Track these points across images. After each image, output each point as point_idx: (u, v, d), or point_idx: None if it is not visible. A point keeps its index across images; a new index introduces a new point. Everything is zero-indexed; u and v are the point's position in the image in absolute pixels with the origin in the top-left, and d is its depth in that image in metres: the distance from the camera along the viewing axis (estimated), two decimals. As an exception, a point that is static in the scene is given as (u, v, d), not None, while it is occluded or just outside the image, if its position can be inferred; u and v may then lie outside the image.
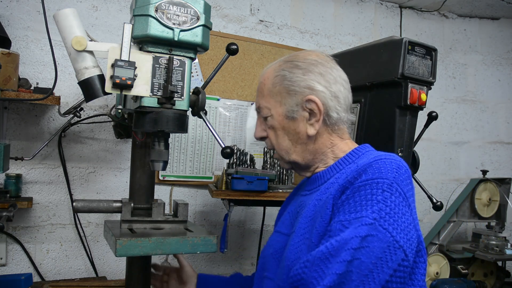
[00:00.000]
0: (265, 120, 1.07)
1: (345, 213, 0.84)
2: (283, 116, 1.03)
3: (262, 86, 1.07)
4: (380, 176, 0.85)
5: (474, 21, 2.93)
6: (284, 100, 1.02)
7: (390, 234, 0.79)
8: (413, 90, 1.43)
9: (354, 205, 0.84)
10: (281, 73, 1.03)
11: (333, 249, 0.79)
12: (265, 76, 1.07)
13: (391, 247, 0.78)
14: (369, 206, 0.81)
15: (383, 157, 0.90)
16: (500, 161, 2.91)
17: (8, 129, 1.75)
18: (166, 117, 1.10)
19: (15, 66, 1.56)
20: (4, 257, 1.74)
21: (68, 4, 1.85)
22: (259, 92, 1.08)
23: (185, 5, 1.10)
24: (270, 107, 1.04)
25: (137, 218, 1.22)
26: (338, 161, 1.03)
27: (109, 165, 1.94)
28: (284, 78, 1.02)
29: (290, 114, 1.02)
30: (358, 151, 1.03)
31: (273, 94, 1.04)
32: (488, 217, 2.51)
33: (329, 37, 2.51)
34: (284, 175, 1.89)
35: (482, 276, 2.39)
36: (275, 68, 1.05)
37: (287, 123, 1.03)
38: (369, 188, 0.84)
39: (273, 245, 1.08)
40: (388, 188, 0.83)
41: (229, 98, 2.14)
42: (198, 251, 1.17)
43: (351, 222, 0.81)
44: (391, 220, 0.80)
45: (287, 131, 1.03)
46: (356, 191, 0.85)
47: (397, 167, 0.88)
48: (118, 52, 1.05)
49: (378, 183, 0.84)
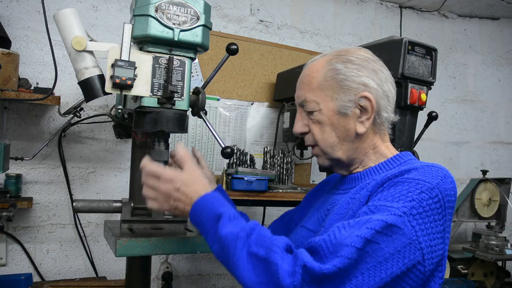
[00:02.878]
0: (310, 115, 1.01)
1: (375, 200, 0.83)
2: (334, 111, 0.98)
3: (309, 78, 1.01)
4: (423, 178, 0.83)
5: (474, 21, 2.93)
6: (336, 95, 0.98)
7: (415, 233, 0.78)
8: (413, 90, 1.43)
9: (386, 195, 0.82)
10: (335, 67, 0.99)
11: (355, 223, 0.78)
12: (313, 69, 1.02)
13: (412, 245, 0.77)
14: (402, 201, 0.80)
15: (431, 164, 0.88)
16: (500, 161, 2.91)
17: (8, 129, 1.75)
18: (166, 117, 1.10)
19: (15, 66, 1.56)
20: (4, 257, 1.74)
21: (68, 4, 1.85)
22: (305, 85, 1.02)
23: (185, 5, 1.10)
24: (319, 101, 0.99)
25: (137, 218, 1.22)
26: (379, 164, 1.00)
27: (109, 165, 1.94)
28: (338, 72, 0.98)
29: (342, 110, 0.98)
30: (400, 157, 1.01)
31: (324, 88, 0.99)
32: (488, 217, 2.51)
33: (329, 37, 2.51)
34: (284, 175, 1.89)
35: (482, 276, 2.39)
36: (327, 61, 1.01)
37: (337, 119, 0.99)
38: (407, 185, 0.83)
39: (297, 239, 1.05)
40: (428, 191, 0.82)
41: (229, 98, 2.14)
42: (198, 251, 1.17)
43: (379, 208, 0.80)
44: (420, 221, 0.79)
45: (336, 127, 0.99)
46: (393, 185, 0.84)
47: (444, 176, 0.86)
48: (118, 52, 1.05)
49: (419, 183, 0.82)
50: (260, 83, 2.20)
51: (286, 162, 1.89)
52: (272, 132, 2.22)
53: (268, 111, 2.22)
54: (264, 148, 1.92)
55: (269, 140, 2.22)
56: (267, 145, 2.04)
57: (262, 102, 2.20)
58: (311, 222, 1.07)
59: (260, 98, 2.20)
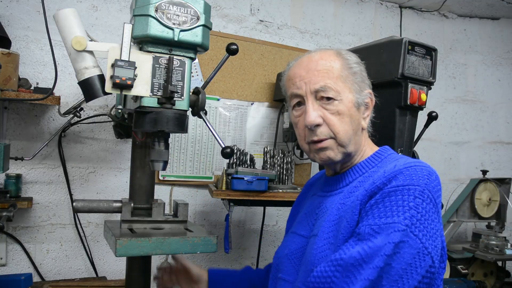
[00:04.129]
0: (327, 104, 0.97)
1: (375, 218, 0.83)
2: (352, 103, 0.98)
3: (327, 67, 0.98)
4: (412, 182, 0.84)
5: (474, 21, 2.93)
6: (355, 87, 0.99)
7: (420, 241, 0.80)
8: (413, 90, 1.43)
9: (384, 210, 0.83)
10: (349, 62, 1.00)
11: (366, 255, 0.79)
12: (328, 58, 0.99)
13: (421, 253, 0.79)
14: (401, 212, 0.81)
15: (413, 164, 0.89)
16: (500, 161, 2.91)
17: (8, 129, 1.75)
18: (166, 117, 1.10)
19: (15, 66, 1.56)
20: (4, 257, 1.74)
21: (68, 4, 1.85)
22: (324, 73, 0.97)
23: (185, 5, 1.10)
24: (340, 91, 0.97)
25: (137, 218, 1.21)
26: (361, 163, 1.02)
27: (109, 165, 1.94)
28: (353, 67, 1.00)
29: (359, 103, 0.99)
30: (380, 154, 1.02)
31: (343, 78, 0.98)
32: (488, 217, 2.51)
33: (329, 37, 2.51)
34: (284, 175, 1.89)
35: (482, 276, 2.39)
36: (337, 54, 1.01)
37: (354, 112, 0.99)
38: (400, 194, 0.83)
39: (289, 246, 1.06)
40: (420, 195, 0.83)
41: (229, 98, 2.14)
42: (198, 251, 1.16)
43: (382, 228, 0.81)
44: (421, 227, 0.81)
45: (353, 119, 0.98)
46: (386, 196, 0.84)
47: (428, 173, 0.87)
48: (118, 52, 1.05)
49: (410, 189, 0.83)
50: (260, 83, 2.20)
51: (286, 162, 1.89)
52: (272, 132, 2.22)
53: (268, 111, 2.22)
54: (264, 148, 1.92)
55: (269, 140, 2.22)
56: (267, 145, 2.04)
57: (262, 102, 2.20)
58: (302, 227, 1.07)
59: (260, 98, 2.20)
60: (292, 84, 1.02)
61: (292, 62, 1.06)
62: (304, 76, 0.99)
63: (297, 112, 1.02)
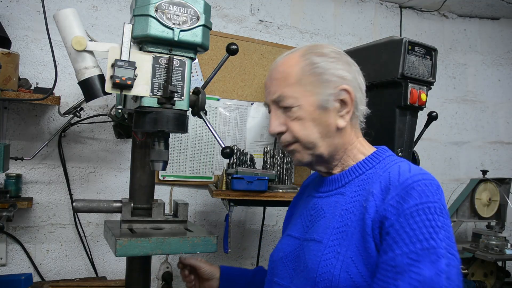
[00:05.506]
0: (287, 112, 0.97)
1: (407, 244, 0.80)
2: (315, 106, 0.95)
3: (284, 74, 0.97)
4: (429, 200, 0.83)
5: (474, 21, 2.93)
6: (316, 89, 0.95)
7: (456, 258, 0.80)
8: (413, 90, 1.44)
9: (414, 234, 0.80)
10: (312, 61, 0.96)
11: None
12: (288, 64, 0.98)
13: (459, 269, 0.80)
14: (434, 234, 0.79)
15: (420, 177, 0.87)
16: (500, 161, 2.91)
17: (8, 129, 1.75)
18: (166, 117, 1.10)
19: (15, 66, 1.56)
20: (4, 257, 1.74)
21: (68, 4, 1.85)
22: (280, 81, 0.98)
23: (185, 5, 1.10)
24: (298, 96, 0.95)
25: (137, 218, 1.22)
26: (358, 164, 0.99)
27: (109, 165, 1.94)
28: (316, 66, 0.96)
29: (324, 104, 0.95)
30: (379, 155, 0.99)
31: (303, 82, 0.95)
32: (488, 217, 2.51)
33: (329, 37, 2.51)
34: (284, 175, 1.89)
35: (482, 276, 2.39)
36: (301, 55, 0.98)
37: (319, 114, 0.95)
38: (423, 213, 0.82)
39: (284, 249, 1.04)
40: (440, 211, 0.83)
41: (229, 98, 2.14)
42: (198, 251, 1.17)
43: (421, 254, 0.78)
44: (452, 244, 0.81)
45: (317, 122, 0.95)
46: (410, 217, 0.82)
47: (437, 187, 0.87)
48: (118, 52, 1.05)
49: (430, 207, 0.82)
50: (260, 83, 2.20)
51: (286, 162, 1.89)
52: (272, 132, 2.22)
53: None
54: (264, 148, 1.92)
55: (269, 140, 2.22)
56: (267, 145, 2.04)
57: (262, 102, 2.20)
58: (296, 229, 1.05)
59: (260, 98, 2.20)
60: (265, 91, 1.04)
61: None
62: (268, 85, 1.01)
63: None
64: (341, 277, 0.85)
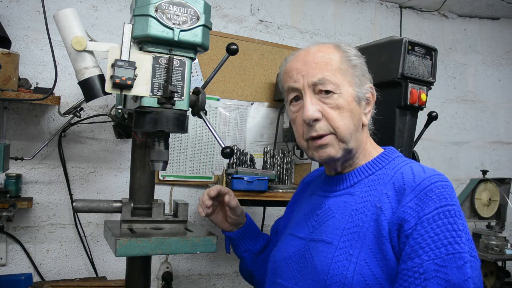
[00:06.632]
0: (325, 98, 0.93)
1: (433, 249, 0.80)
2: (352, 97, 0.94)
3: (326, 59, 0.94)
4: (447, 203, 0.83)
5: (474, 21, 2.93)
6: (355, 81, 0.95)
7: (477, 260, 0.82)
8: (413, 90, 1.43)
9: (438, 239, 0.80)
10: (349, 55, 0.96)
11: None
12: (327, 51, 0.96)
13: (480, 270, 0.81)
14: (457, 238, 0.80)
15: (437, 178, 0.87)
16: (500, 161, 2.91)
17: (8, 129, 1.75)
18: (166, 117, 1.10)
19: (15, 66, 1.56)
20: (4, 257, 1.74)
21: (68, 4, 1.85)
22: (323, 65, 0.93)
23: (185, 5, 1.10)
24: (339, 84, 0.93)
25: (137, 218, 1.22)
26: (368, 163, 0.98)
27: (109, 165, 1.94)
28: (353, 60, 0.96)
29: (357, 98, 0.95)
30: (388, 155, 0.99)
31: (343, 71, 0.94)
32: (488, 217, 2.51)
33: (329, 37, 2.51)
34: (284, 175, 1.89)
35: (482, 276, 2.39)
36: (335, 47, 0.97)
37: (355, 106, 0.94)
38: (444, 217, 0.81)
39: (287, 249, 1.02)
40: (459, 214, 0.83)
41: (229, 98, 2.14)
42: (198, 251, 1.17)
43: (446, 260, 0.78)
44: (473, 246, 0.82)
45: (353, 114, 0.93)
46: (432, 221, 0.81)
47: (452, 188, 0.87)
48: (118, 52, 1.05)
49: (449, 210, 0.82)
50: (260, 83, 2.20)
51: (286, 162, 1.89)
52: (272, 132, 2.22)
53: (268, 111, 2.22)
54: (264, 148, 1.92)
55: (269, 140, 2.22)
56: (267, 145, 2.04)
57: (262, 102, 2.20)
58: (300, 229, 1.03)
59: (260, 98, 2.20)
60: (289, 77, 0.98)
61: (290, 57, 1.02)
62: (301, 69, 0.95)
63: (294, 107, 0.98)
64: (354, 279, 0.83)
